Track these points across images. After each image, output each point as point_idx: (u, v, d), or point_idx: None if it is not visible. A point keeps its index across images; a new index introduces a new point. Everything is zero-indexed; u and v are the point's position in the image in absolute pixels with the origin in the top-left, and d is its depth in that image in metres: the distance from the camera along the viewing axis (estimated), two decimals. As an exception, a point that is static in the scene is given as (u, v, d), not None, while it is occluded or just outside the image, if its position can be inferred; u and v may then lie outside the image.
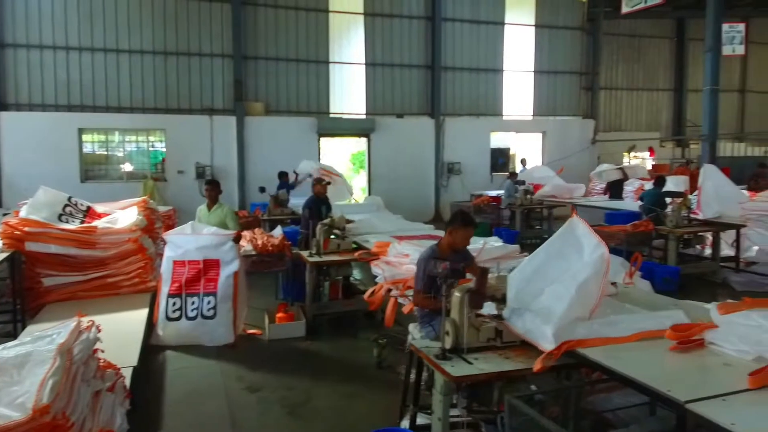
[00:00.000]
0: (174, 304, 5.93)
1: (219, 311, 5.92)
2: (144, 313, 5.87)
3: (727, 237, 9.34)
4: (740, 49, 18.42)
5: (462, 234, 4.22)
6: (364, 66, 16.33)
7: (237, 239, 6.23)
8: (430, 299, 4.17)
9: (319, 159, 15.47)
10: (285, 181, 11.90)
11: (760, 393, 2.60)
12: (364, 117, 16.28)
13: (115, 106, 14.18)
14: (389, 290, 5.09)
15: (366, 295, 5.24)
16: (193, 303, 5.93)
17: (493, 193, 13.92)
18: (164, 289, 5.95)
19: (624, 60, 20.23)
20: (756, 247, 8.69)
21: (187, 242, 5.99)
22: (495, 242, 5.46)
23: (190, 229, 6.14)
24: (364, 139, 16.22)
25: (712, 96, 13.59)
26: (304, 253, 6.78)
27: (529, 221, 13.06)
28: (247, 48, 15.05)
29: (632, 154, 19.59)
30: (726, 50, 17.47)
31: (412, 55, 16.70)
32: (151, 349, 5.77)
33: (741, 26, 18.24)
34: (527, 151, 18.16)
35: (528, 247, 5.08)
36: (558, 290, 3.38)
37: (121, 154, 14.65)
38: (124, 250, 6.54)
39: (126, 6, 14.12)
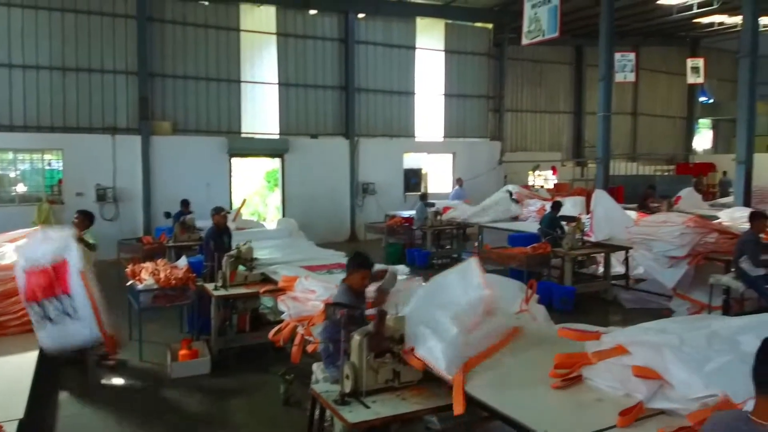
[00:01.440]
0: (37, 311, 5.63)
1: (79, 310, 5.64)
2: (33, 355, 5.51)
3: (619, 255, 10.05)
4: (631, 76, 19.91)
5: (357, 277, 4.27)
6: (277, 86, 16.24)
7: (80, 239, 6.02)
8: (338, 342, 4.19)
9: (230, 179, 15.20)
10: (184, 212, 11.09)
11: (627, 430, 2.85)
12: (277, 137, 16.17)
13: (6, 124, 13.27)
14: (295, 327, 5.08)
15: (271, 334, 5.20)
16: (53, 306, 5.65)
17: (406, 213, 14.21)
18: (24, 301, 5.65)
19: (528, 84, 21.34)
20: (641, 269, 9.40)
21: (34, 250, 5.71)
22: (399, 275, 5.57)
23: (32, 236, 5.88)
24: (277, 160, 16.06)
25: (605, 122, 14.63)
26: (210, 286, 6.64)
27: (439, 241, 13.43)
28: (153, 65, 14.57)
29: (537, 173, 20.63)
30: (618, 77, 18.88)
31: (326, 76, 16.81)
32: (42, 394, 5.42)
33: (631, 55, 19.74)
34: (438, 171, 18.70)
35: (438, 268, 5.23)
36: (443, 321, 3.76)
37: (13, 175, 13.70)
38: (11, 288, 6.11)
39: (20, 17, 13.31)
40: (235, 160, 15.44)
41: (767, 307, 6.92)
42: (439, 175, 18.75)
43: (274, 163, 16.46)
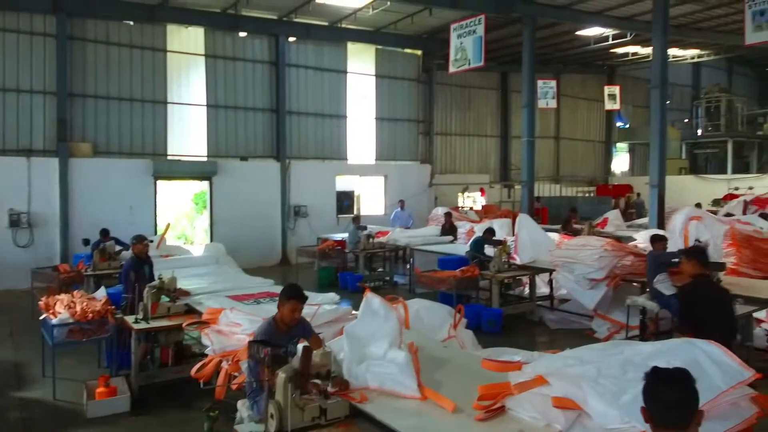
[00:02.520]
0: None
1: None
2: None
3: (544, 277, 10.40)
4: (553, 103, 20.85)
5: (287, 308, 4.21)
6: (205, 107, 15.92)
7: None
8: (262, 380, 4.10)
9: (155, 203, 14.68)
10: (104, 241, 10.38)
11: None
12: (205, 159, 15.80)
13: None
14: (220, 362, 4.93)
15: (193, 371, 5.02)
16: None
17: (339, 236, 14.17)
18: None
19: (456, 108, 21.92)
20: (564, 290, 9.76)
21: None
22: (327, 306, 5.53)
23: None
24: (206, 182, 15.66)
25: (528, 147, 15.23)
26: (130, 319, 6.35)
27: (371, 264, 13.46)
28: (74, 85, 13.96)
29: (466, 194, 21.11)
30: (541, 103, 19.76)
31: (256, 98, 16.63)
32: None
33: (553, 82, 20.70)
34: (371, 193, 18.82)
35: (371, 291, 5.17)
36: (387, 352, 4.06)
37: None
38: None
39: None
40: (161, 183, 14.93)
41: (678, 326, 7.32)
42: (372, 198, 18.85)
43: (203, 186, 16.03)
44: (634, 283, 8.57)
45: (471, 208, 19.46)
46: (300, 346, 4.00)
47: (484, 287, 9.99)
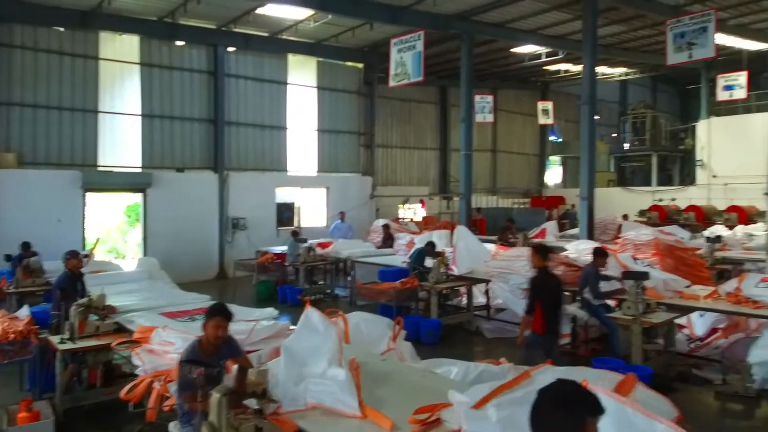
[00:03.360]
0: None
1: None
2: None
3: (481, 287, 10.63)
4: (490, 117, 21.44)
5: (211, 325, 4.09)
6: (140, 117, 15.44)
7: None
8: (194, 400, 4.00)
9: (83, 216, 14.07)
10: (25, 255, 9.86)
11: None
12: (139, 170, 15.30)
13: None
14: (151, 382, 4.77)
15: (123, 393, 4.84)
16: None
17: (279, 249, 14.01)
18: None
19: (397, 121, 22.19)
20: (499, 300, 10.01)
21: None
22: (265, 322, 5.47)
23: None
24: (139, 194, 15.14)
25: (466, 160, 15.60)
26: (55, 339, 6.06)
27: (312, 277, 13.36)
28: (-1, 92, 13.29)
29: (406, 206, 21.34)
30: (478, 118, 20.24)
31: (193, 108, 16.28)
32: None
33: (490, 98, 21.31)
34: (312, 205, 18.73)
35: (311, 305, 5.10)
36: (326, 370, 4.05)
37: None
38: None
39: None
40: (90, 195, 14.32)
41: (608, 333, 7.65)
42: (314, 210, 18.76)
43: (136, 198, 15.50)
44: (566, 293, 8.87)
45: (411, 220, 19.69)
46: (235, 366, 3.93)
47: (423, 299, 10.12)
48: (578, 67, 20.34)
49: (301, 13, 14.86)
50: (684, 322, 8.30)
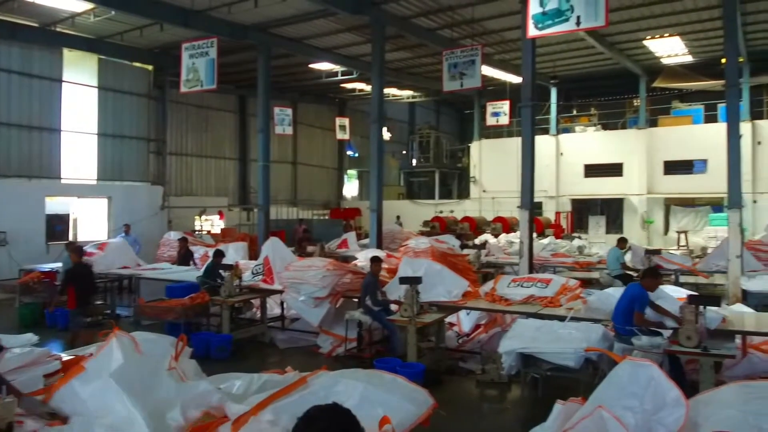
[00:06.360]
0: None
1: None
2: None
3: (277, 298, 10.65)
4: (289, 129, 21.64)
5: None
6: None
7: None
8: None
9: None
10: None
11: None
12: None
13: None
14: None
15: None
16: None
17: (48, 267, 12.46)
18: None
19: (193, 128, 21.28)
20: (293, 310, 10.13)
21: None
22: (16, 349, 4.83)
23: None
24: None
25: (264, 171, 15.59)
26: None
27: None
28: None
29: (203, 217, 20.54)
30: (278, 129, 20.35)
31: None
32: None
33: (289, 110, 21.51)
34: (91, 216, 17.04)
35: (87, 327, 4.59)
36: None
37: None
38: None
39: None
40: None
41: (389, 336, 8.24)
42: (93, 222, 17.07)
43: None
44: (354, 299, 9.34)
45: (208, 232, 18.98)
46: None
47: (216, 314, 9.81)
48: (370, 87, 21.58)
49: (78, 5, 13.53)
50: (455, 321, 9.27)
